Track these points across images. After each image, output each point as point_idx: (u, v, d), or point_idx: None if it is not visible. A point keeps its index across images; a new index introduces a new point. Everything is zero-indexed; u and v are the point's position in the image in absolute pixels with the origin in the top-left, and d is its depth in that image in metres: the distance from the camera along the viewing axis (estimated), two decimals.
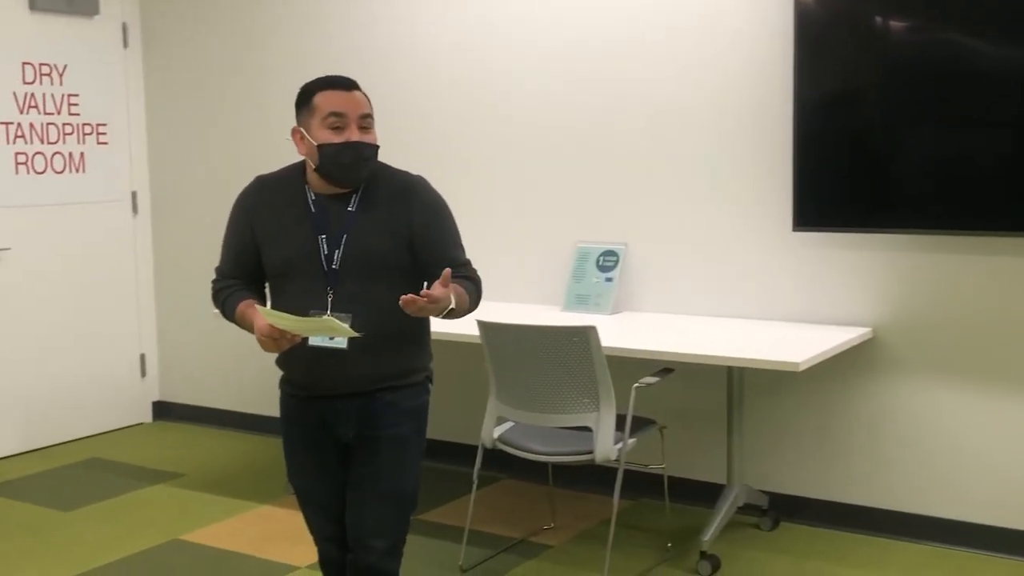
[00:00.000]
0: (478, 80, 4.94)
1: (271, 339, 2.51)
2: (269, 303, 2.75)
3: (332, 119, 2.62)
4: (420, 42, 5.08)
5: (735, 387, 4.16)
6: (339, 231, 2.65)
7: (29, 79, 5.54)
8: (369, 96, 2.72)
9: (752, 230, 4.35)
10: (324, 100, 2.64)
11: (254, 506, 4.66)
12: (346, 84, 2.68)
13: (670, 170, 4.51)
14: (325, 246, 2.64)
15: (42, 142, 5.60)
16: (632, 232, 4.61)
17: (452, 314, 2.59)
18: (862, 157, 4.06)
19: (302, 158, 2.75)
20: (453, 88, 5.01)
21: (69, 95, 5.72)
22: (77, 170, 5.77)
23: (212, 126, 5.86)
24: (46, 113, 5.62)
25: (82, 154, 5.79)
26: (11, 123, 5.47)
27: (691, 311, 4.49)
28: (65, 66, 5.69)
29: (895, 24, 3.98)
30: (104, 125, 5.89)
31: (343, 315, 2.58)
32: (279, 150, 5.46)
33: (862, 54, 4.02)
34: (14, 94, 5.48)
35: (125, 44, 5.98)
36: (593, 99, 4.66)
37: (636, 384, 3.75)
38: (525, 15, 4.77)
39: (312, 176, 2.70)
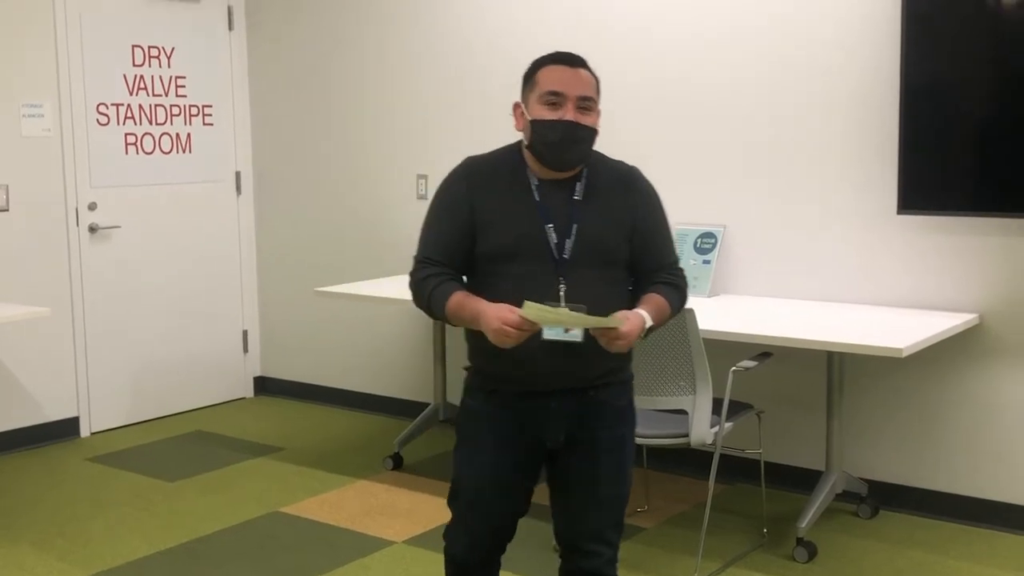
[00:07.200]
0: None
1: (519, 331, 2.37)
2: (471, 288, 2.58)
3: (549, 96, 2.50)
4: (534, 28, 5.09)
5: (835, 372, 4.09)
6: (567, 220, 2.52)
7: (139, 62, 5.69)
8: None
9: (855, 213, 4.27)
10: (545, 76, 2.52)
11: (352, 480, 4.74)
12: (571, 61, 2.54)
13: (770, 151, 4.45)
14: (554, 235, 2.50)
15: (150, 123, 5.75)
16: (731, 214, 4.56)
17: (652, 332, 2.54)
18: (969, 139, 3.96)
19: (513, 141, 2.64)
20: None
21: (176, 77, 5.85)
22: (183, 151, 5.91)
23: (314, 108, 5.95)
24: (154, 95, 5.76)
25: (188, 135, 5.93)
26: (121, 104, 5.62)
27: (791, 294, 4.44)
28: (172, 49, 5.82)
29: (1005, 3, 3.86)
30: (209, 107, 6.02)
31: (580, 306, 2.42)
32: (381, 132, 5.59)
33: (970, 35, 3.91)
34: (124, 76, 5.63)
35: (230, 27, 6.10)
36: (693, 82, 4.61)
37: (733, 368, 3.72)
38: (635, 5, 4.77)
39: (530, 158, 2.56)
